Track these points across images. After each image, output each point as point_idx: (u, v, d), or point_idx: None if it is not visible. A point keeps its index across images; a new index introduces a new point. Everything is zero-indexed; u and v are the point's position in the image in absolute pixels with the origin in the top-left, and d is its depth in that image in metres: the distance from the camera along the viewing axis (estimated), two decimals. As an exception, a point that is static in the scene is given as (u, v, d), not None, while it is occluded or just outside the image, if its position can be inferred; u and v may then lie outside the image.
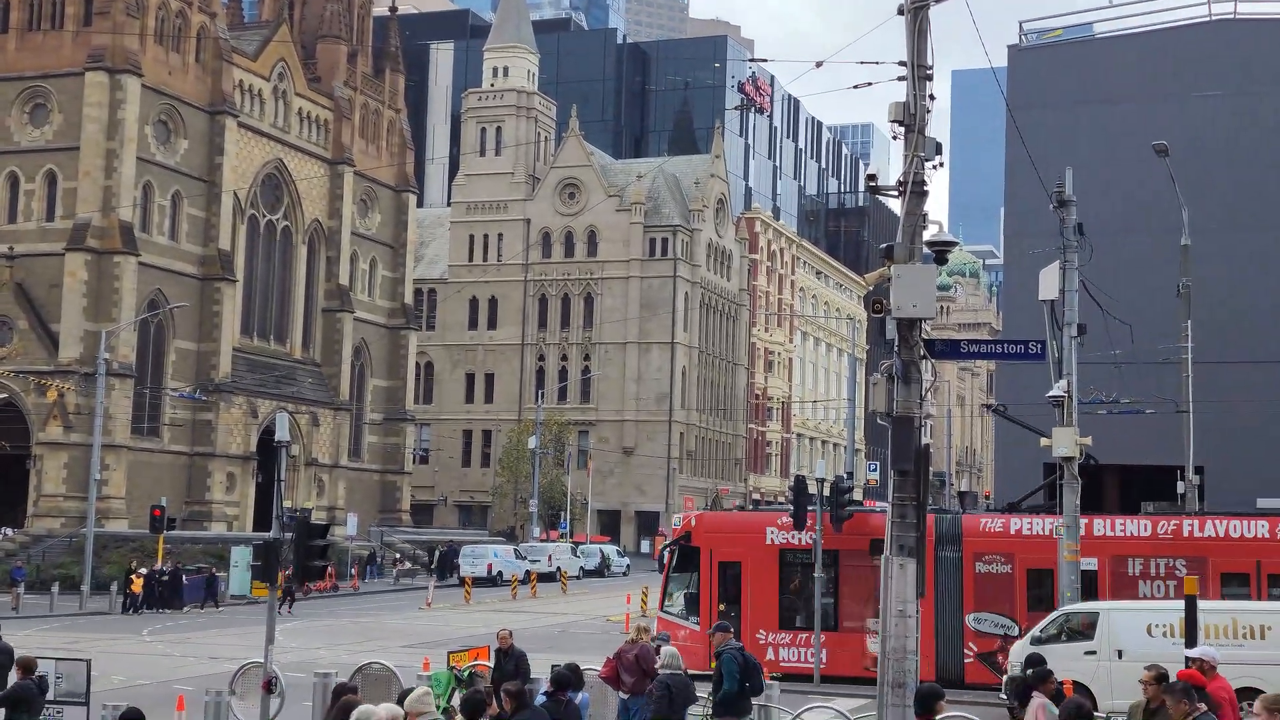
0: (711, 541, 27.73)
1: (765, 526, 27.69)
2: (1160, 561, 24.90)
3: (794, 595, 27.21)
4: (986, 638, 25.75)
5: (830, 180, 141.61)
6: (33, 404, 58.10)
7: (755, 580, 27.26)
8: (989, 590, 25.95)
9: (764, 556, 27.20)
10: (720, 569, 27.40)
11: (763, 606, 26.98)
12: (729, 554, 27.46)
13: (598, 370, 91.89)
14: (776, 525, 27.50)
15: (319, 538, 21.38)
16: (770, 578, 27.23)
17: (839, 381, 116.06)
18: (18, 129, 61.25)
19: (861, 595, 26.25)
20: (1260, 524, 25.11)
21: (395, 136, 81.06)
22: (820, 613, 26.35)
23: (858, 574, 26.35)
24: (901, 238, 14.81)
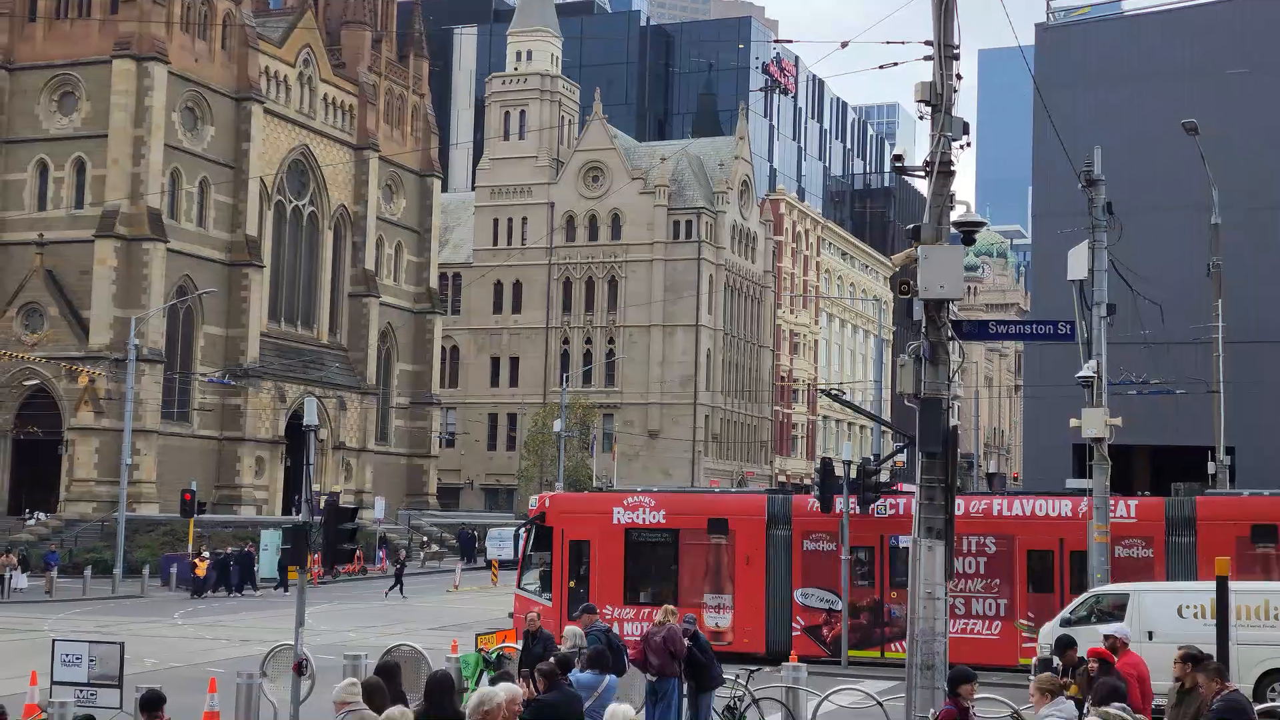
0: (563, 521, 28.64)
1: (612, 507, 28.62)
2: (973, 539, 25.84)
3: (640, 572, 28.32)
4: (813, 612, 27.04)
5: (855, 161, 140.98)
6: (64, 390, 58.56)
7: (602, 558, 28.22)
8: (815, 567, 27.14)
9: (611, 535, 28.17)
10: (571, 547, 28.37)
11: (609, 583, 27.87)
12: (579, 533, 28.41)
13: (622, 354, 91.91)
14: (623, 505, 28.50)
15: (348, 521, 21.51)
16: (616, 555, 28.15)
17: (865, 363, 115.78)
18: (46, 117, 61.61)
19: (699, 571, 27.76)
20: (1064, 504, 26.21)
21: (420, 121, 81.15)
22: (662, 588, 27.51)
23: (696, 551, 27.79)
24: (928, 218, 14.74)
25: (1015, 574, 25.87)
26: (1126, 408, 27.71)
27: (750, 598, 27.13)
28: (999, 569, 25.95)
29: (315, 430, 19.46)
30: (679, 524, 28.04)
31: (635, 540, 28.31)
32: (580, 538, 28.42)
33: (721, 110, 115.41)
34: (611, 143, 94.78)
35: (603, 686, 14.26)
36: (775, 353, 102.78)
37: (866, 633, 26.84)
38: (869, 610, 26.97)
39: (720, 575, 27.72)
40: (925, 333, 14.49)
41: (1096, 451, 23.19)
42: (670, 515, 28.08)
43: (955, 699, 11.04)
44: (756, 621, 27.09)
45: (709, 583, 27.61)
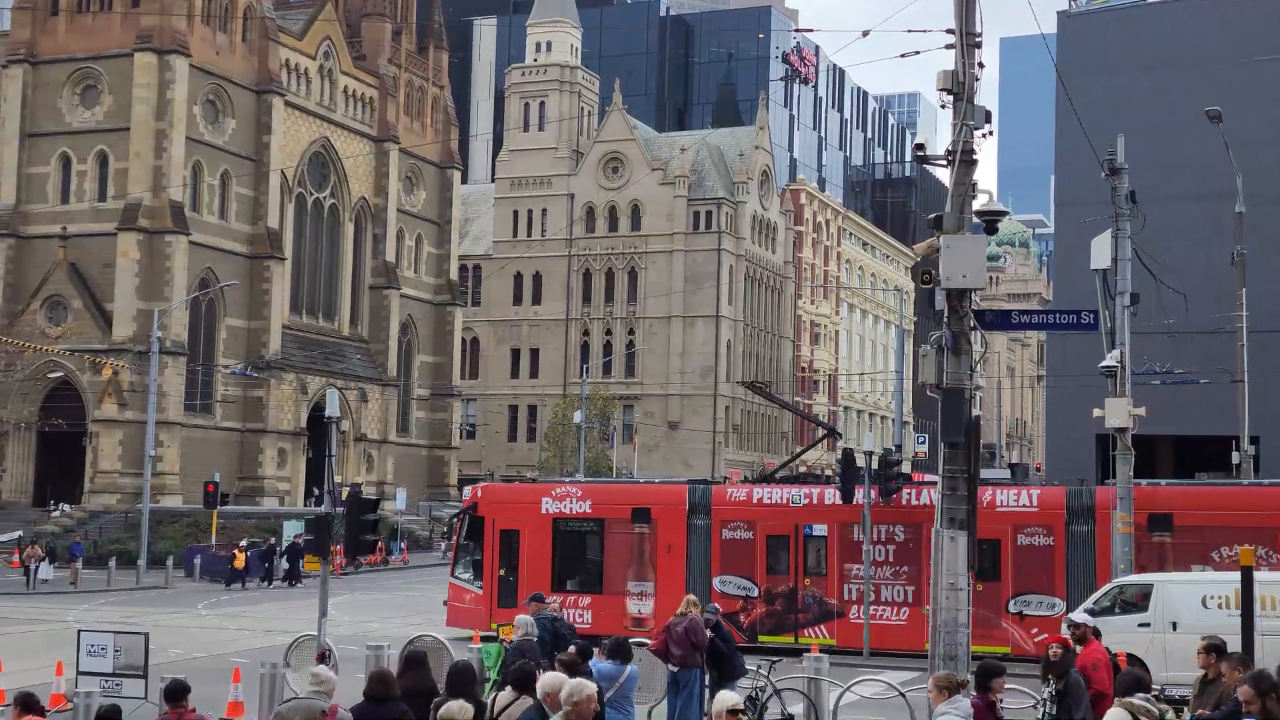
0: (494, 511, 29.44)
1: (541, 497, 29.40)
2: (882, 527, 26.63)
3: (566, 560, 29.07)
4: (730, 599, 27.27)
5: (876, 150, 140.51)
6: (88, 382, 58.90)
7: (531, 546, 28.95)
8: (733, 555, 27.73)
9: (539, 525, 28.88)
10: (502, 536, 29.10)
11: (538, 571, 28.57)
12: (509, 523, 29.17)
13: (642, 345, 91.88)
14: (551, 496, 29.31)
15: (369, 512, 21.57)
16: (545, 544, 28.87)
17: (886, 354, 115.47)
18: (69, 110, 61.91)
19: (623, 560, 28.51)
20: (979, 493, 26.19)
21: (439, 113, 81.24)
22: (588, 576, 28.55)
23: (620, 540, 28.59)
24: (950, 207, 14.70)
25: (922, 561, 26.15)
26: (1150, 398, 27.57)
27: (671, 585, 27.54)
28: (907, 556, 26.58)
29: (337, 422, 19.53)
30: (604, 514, 28.82)
31: (563, 529, 29.01)
32: (510, 527, 29.11)
33: (741, 100, 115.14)
34: (631, 133, 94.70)
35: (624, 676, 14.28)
36: (796, 343, 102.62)
37: (782, 618, 27.44)
38: (784, 597, 27.54)
39: (643, 563, 28.40)
40: (947, 322, 14.45)
41: (1120, 441, 23.09)
42: (596, 505, 28.88)
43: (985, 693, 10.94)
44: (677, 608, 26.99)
45: (632, 570, 28.35)
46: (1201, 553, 24.35)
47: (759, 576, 27.45)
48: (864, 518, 26.29)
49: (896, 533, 26.71)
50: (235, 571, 46.45)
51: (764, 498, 28.03)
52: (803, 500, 27.62)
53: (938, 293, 14.47)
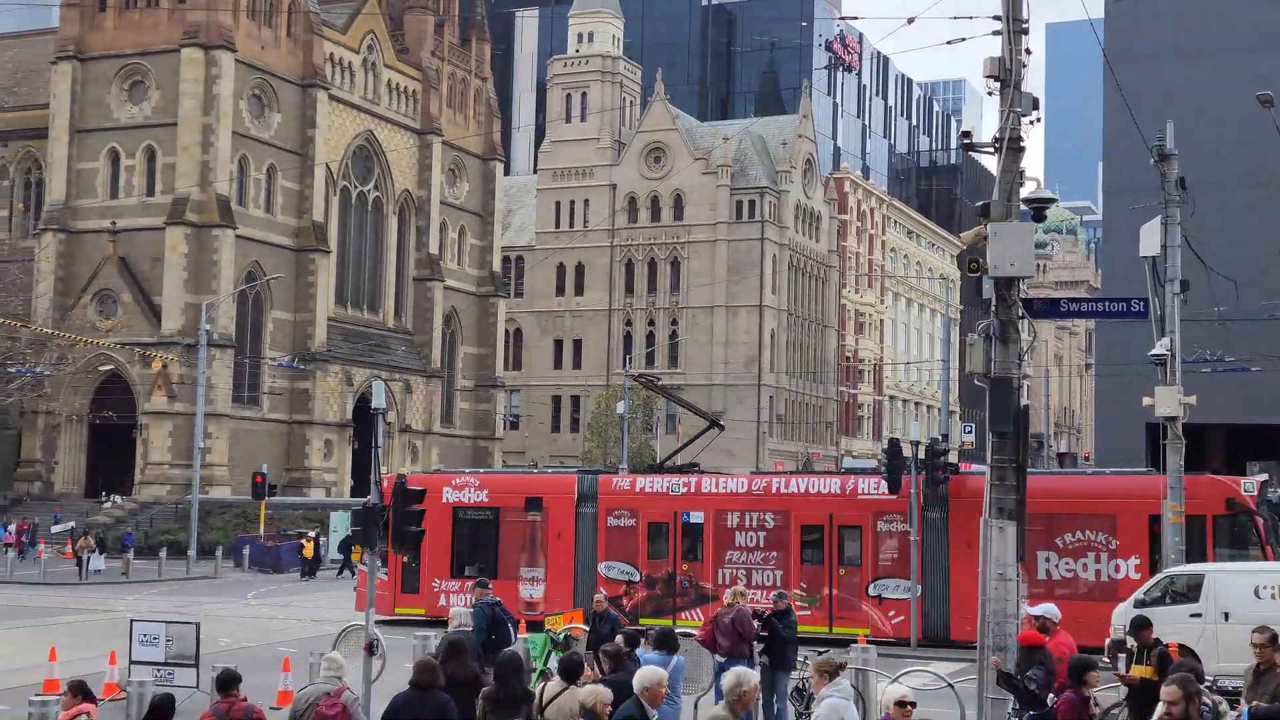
0: None
1: (442, 487, 30.20)
2: (754, 515, 27.89)
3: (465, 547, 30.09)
4: (614, 583, 28.44)
5: (921, 138, 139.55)
6: (138, 375, 59.58)
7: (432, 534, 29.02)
8: (618, 541, 28.82)
9: (440, 513, 29.25)
10: None
11: (438, 557, 29.53)
12: None
13: (685, 335, 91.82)
14: (451, 485, 30.33)
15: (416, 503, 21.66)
16: (445, 532, 29.59)
17: (932, 343, 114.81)
18: (117, 106, 62.56)
19: (517, 547, 29.65)
20: (833, 482, 28.80)
21: (482, 105, 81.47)
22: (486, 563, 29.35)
23: (514, 528, 29.71)
24: (998, 195, 14.58)
25: (790, 547, 27.65)
26: (1200, 386, 27.23)
27: (560, 570, 28.93)
28: (777, 542, 27.73)
29: (382, 413, 19.62)
30: (499, 502, 29.96)
31: (461, 518, 30.06)
32: None
33: (784, 89, 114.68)
34: (673, 123, 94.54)
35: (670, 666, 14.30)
36: (840, 333, 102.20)
37: (661, 602, 28.44)
38: (663, 581, 28.61)
39: (535, 549, 29.53)
40: (995, 311, 14.33)
41: (1170, 430, 22.84)
42: (492, 495, 30.03)
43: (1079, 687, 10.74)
44: (565, 593, 28.70)
45: (525, 557, 29.49)
46: (1047, 539, 25.27)
47: (641, 562, 28.65)
48: (911, 509, 26.14)
49: (767, 519, 27.80)
50: (306, 561, 46.90)
51: (646, 487, 29.28)
52: (681, 489, 28.72)
53: (985, 281, 14.35)
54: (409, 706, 10.99)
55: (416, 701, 10.97)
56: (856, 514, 27.12)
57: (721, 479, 29.78)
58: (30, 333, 53.85)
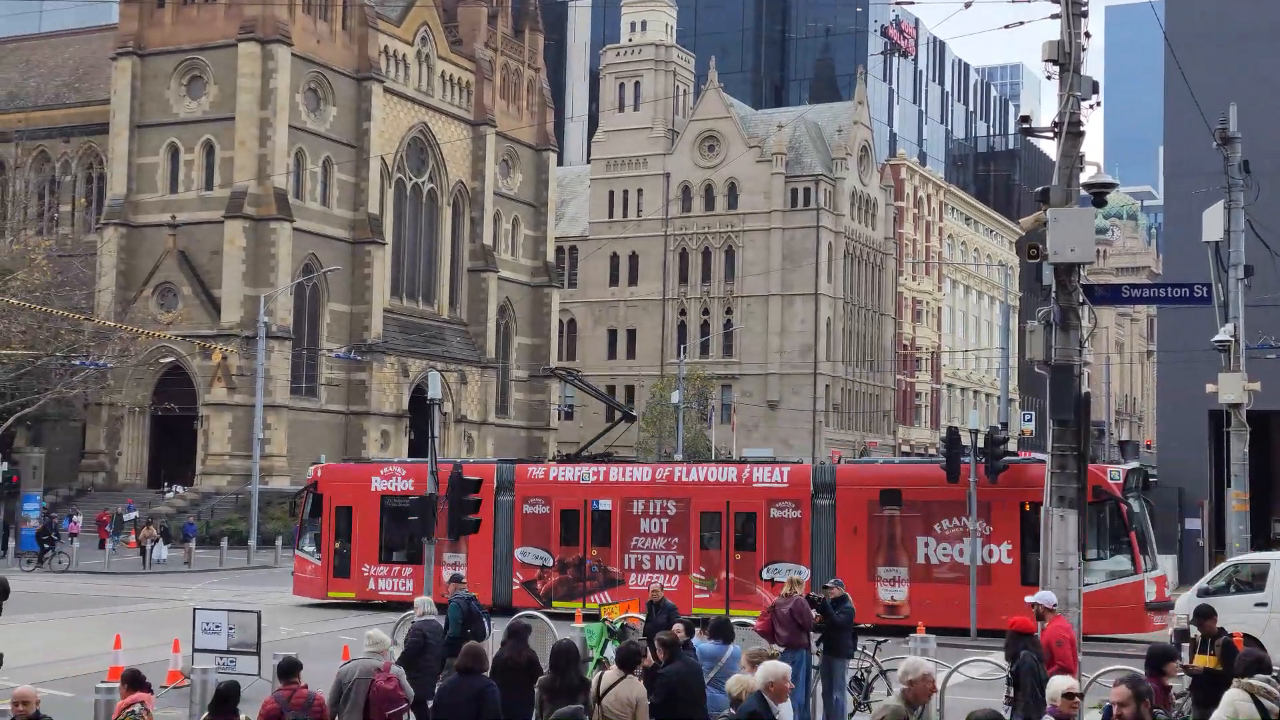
0: (331, 489, 31.94)
1: (371, 476, 31.78)
2: (657, 502, 29.05)
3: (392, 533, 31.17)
4: (529, 568, 29.94)
5: (978, 123, 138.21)
6: (198, 367, 60.32)
7: (362, 521, 31.36)
8: (533, 528, 30.06)
9: (369, 501, 31.28)
10: (338, 512, 31.59)
11: (367, 544, 31.25)
12: (344, 500, 31.64)
13: (740, 324, 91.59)
14: (379, 475, 31.70)
15: (471, 492, 21.80)
16: (374, 519, 31.26)
17: (991, 330, 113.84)
18: (176, 101, 63.27)
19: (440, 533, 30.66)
20: (729, 470, 29.67)
21: (535, 96, 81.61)
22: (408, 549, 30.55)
23: None
24: (1057, 180, 14.42)
25: (691, 533, 28.78)
26: (1265, 372, 26.77)
27: (480, 556, 30.02)
28: (678, 528, 28.86)
29: (438, 404, 19.75)
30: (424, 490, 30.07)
31: (389, 506, 31.08)
32: (345, 504, 31.54)
33: (839, 75, 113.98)
34: (727, 111, 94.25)
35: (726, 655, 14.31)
36: (897, 320, 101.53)
37: (572, 586, 29.67)
38: (575, 566, 29.82)
39: None
40: (1055, 297, 14.19)
41: (1234, 417, 22.51)
42: (417, 483, 30.20)
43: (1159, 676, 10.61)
44: (485, 577, 29.69)
45: (449, 543, 29.84)
46: (925, 525, 26.62)
47: (554, 547, 29.88)
48: (970, 496, 25.92)
49: (669, 507, 28.93)
50: None
51: (559, 476, 30.49)
52: (591, 479, 29.96)
53: (1045, 267, 14.23)
54: (454, 692, 11.17)
55: (460, 684, 11.15)
56: (751, 501, 28.21)
57: (628, 468, 31.00)
58: (94, 326, 54.64)
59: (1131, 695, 7.93)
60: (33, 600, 33.82)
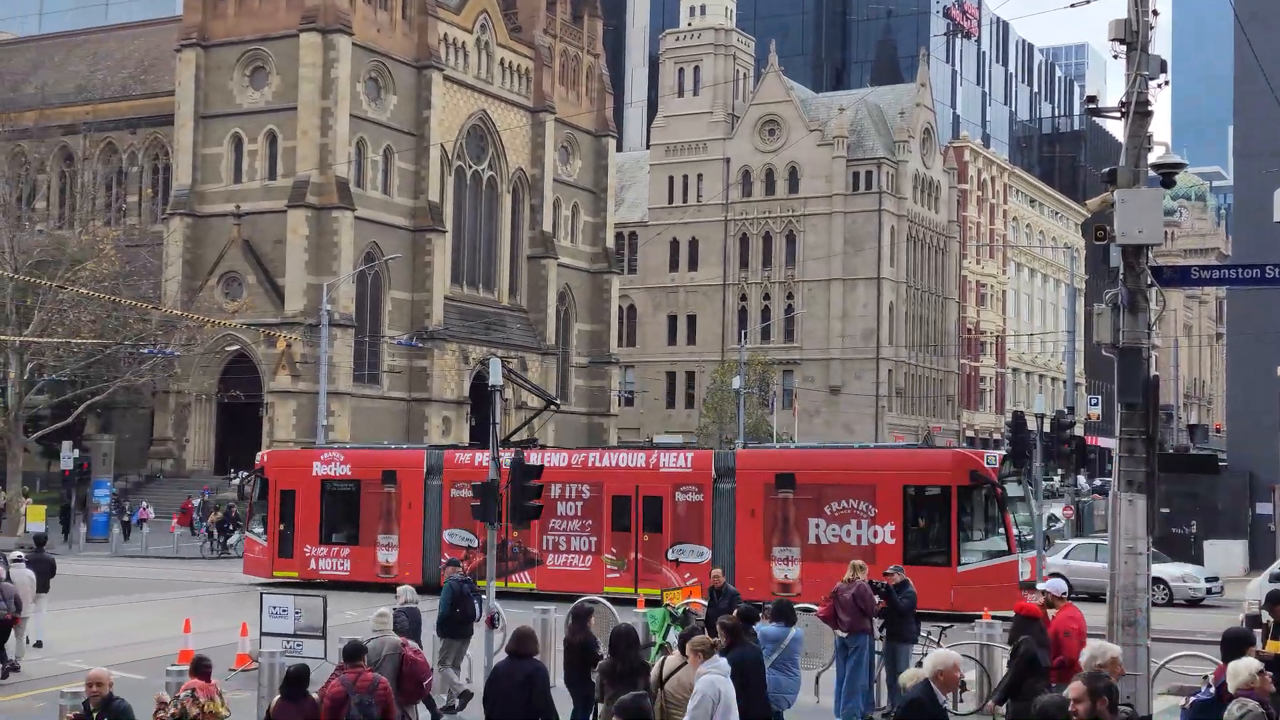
0: (276, 474, 33.79)
1: (312, 461, 33.66)
2: (573, 486, 30.39)
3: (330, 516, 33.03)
4: (456, 549, 30.69)
5: (1043, 104, 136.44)
6: (263, 355, 61.02)
7: (304, 505, 33.05)
8: (459, 511, 30.84)
9: (311, 485, 33.07)
10: (282, 495, 33.31)
11: (309, 525, 32.92)
12: (288, 484, 33.39)
13: (801, 309, 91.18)
14: (320, 460, 33.53)
15: (534, 478, 21.82)
16: (315, 502, 33.01)
17: (1056, 313, 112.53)
18: (239, 92, 63.92)
19: (375, 516, 32.47)
20: (639, 456, 31.12)
21: (594, 82, 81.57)
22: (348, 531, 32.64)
23: (373, 499, 32.48)
24: (1125, 161, 14.16)
25: (603, 515, 29.99)
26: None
27: (411, 537, 31.83)
28: (591, 511, 30.10)
29: (500, 390, 19.82)
30: (360, 475, 32.88)
31: (329, 490, 33.11)
32: (288, 487, 33.30)
33: (901, 57, 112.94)
34: (788, 95, 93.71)
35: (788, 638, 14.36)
36: (961, 304, 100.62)
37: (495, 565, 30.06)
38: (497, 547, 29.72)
39: (390, 518, 32.31)
40: (1123, 280, 13.94)
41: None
42: (354, 468, 32.95)
43: None
44: (415, 557, 31.63)
45: (382, 525, 32.32)
46: (817, 506, 27.86)
47: (478, 529, 30.12)
48: (1036, 481, 25.68)
49: (583, 490, 30.26)
50: None
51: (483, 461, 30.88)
52: None
53: (1112, 249, 13.98)
54: (506, 675, 11.37)
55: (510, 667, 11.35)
56: (659, 486, 29.54)
57: (547, 454, 31.67)
58: (161, 315, 55.41)
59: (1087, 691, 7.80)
60: (106, 584, 34.45)
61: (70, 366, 50.77)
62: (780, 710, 14.35)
